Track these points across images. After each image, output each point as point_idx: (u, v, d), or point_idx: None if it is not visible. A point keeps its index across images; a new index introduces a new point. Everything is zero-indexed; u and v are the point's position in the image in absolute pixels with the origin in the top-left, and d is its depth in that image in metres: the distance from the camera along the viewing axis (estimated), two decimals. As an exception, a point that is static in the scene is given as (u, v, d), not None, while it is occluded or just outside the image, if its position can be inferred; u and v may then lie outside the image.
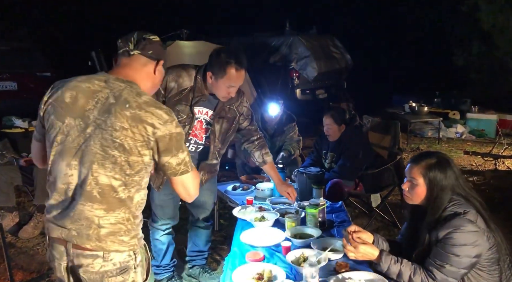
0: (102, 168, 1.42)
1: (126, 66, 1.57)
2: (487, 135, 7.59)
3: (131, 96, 1.46)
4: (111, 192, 1.44)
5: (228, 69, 2.31)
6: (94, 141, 1.43)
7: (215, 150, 2.62)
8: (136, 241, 1.51)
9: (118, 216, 1.46)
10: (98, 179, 1.42)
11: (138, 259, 1.52)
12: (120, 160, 1.43)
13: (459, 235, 1.73)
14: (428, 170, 1.86)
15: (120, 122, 1.42)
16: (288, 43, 8.63)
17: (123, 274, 1.48)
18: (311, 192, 2.84)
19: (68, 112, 1.46)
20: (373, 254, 1.87)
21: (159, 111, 1.48)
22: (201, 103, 2.48)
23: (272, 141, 4.26)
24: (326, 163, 3.71)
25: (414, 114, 7.55)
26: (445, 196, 1.85)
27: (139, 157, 1.45)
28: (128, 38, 1.58)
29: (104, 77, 1.51)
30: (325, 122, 3.60)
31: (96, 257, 1.44)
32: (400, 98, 8.96)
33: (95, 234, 1.44)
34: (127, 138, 1.42)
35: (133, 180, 1.47)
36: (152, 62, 1.60)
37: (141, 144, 1.44)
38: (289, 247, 2.11)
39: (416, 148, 6.89)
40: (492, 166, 5.47)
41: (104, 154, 1.42)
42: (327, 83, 8.91)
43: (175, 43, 6.72)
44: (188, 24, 7.93)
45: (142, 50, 1.56)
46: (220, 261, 3.34)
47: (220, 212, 4.01)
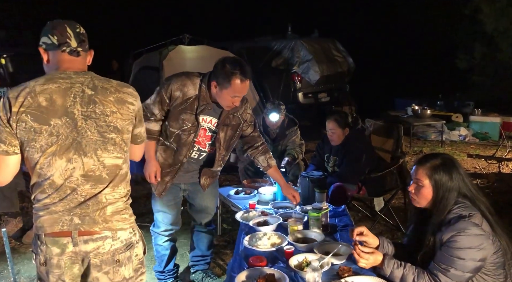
0: (106, 151, 1.57)
1: (74, 61, 1.61)
2: (490, 137, 7.56)
3: (105, 83, 1.61)
4: (117, 170, 1.61)
5: (233, 80, 2.32)
6: (91, 131, 1.54)
7: (220, 157, 2.63)
8: (133, 219, 1.68)
9: (121, 191, 1.63)
10: (104, 163, 1.57)
11: (137, 235, 1.70)
12: (118, 140, 1.60)
13: (464, 238, 1.72)
14: (434, 171, 1.85)
15: (109, 107, 1.57)
16: (290, 47, 8.64)
17: (129, 250, 1.63)
18: (313, 196, 2.82)
19: (51, 114, 1.50)
20: (378, 260, 1.86)
21: (130, 89, 1.67)
22: (206, 112, 2.50)
23: (274, 145, 4.25)
24: (329, 167, 3.70)
25: (417, 117, 7.53)
26: (451, 198, 1.84)
27: (128, 134, 1.65)
28: (63, 34, 1.57)
29: (63, 75, 1.56)
30: (328, 126, 3.58)
31: (106, 238, 1.56)
32: (403, 101, 8.94)
33: (101, 216, 1.56)
34: (118, 120, 1.59)
35: (127, 155, 1.67)
36: (88, 54, 1.69)
37: (128, 122, 1.64)
38: (292, 251, 2.10)
39: (419, 151, 6.86)
40: (496, 169, 5.45)
41: (103, 139, 1.56)
42: (329, 87, 8.91)
43: (177, 47, 6.75)
44: (190, 28, 7.96)
45: (83, 48, 1.63)
46: (223, 265, 3.33)
47: (222, 216, 4.00)
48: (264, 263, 2.04)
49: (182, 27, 8.18)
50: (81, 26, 1.64)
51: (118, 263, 1.60)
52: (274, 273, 1.89)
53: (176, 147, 2.55)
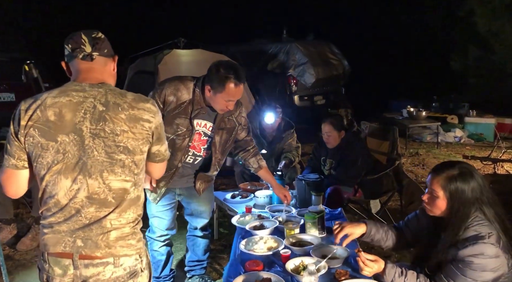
0: (113, 174, 1.45)
1: (90, 70, 1.52)
2: (485, 139, 7.60)
3: (118, 98, 1.48)
4: (124, 194, 1.48)
5: (227, 84, 2.31)
6: (98, 151, 1.43)
7: (216, 161, 2.62)
8: (142, 244, 1.55)
9: (129, 217, 1.50)
10: (110, 186, 1.45)
11: (144, 262, 1.56)
12: (128, 162, 1.47)
13: (481, 261, 1.65)
14: (449, 182, 1.76)
15: (119, 126, 1.45)
16: (285, 50, 8.67)
17: (133, 278, 1.50)
18: (310, 199, 2.82)
19: (58, 130, 1.42)
20: (381, 268, 1.83)
21: (147, 105, 1.53)
22: (200, 116, 2.49)
23: (270, 148, 4.25)
24: (325, 170, 3.70)
25: (412, 119, 7.55)
26: (468, 211, 1.74)
27: (141, 155, 1.51)
28: (77, 41, 1.51)
29: (78, 87, 1.47)
30: (324, 129, 3.59)
31: (107, 264, 1.45)
32: (398, 103, 8.97)
33: (104, 241, 1.45)
34: (129, 140, 1.46)
35: (139, 178, 1.53)
36: (110, 60, 1.59)
37: (142, 141, 1.50)
38: (289, 255, 2.09)
39: (415, 153, 6.88)
40: (491, 170, 5.47)
41: (111, 160, 1.45)
42: (325, 90, 8.93)
43: (173, 51, 6.74)
44: (185, 32, 7.96)
45: (99, 51, 1.53)
46: (219, 270, 3.31)
47: (219, 220, 3.98)
48: (261, 267, 2.03)
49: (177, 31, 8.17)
50: (100, 33, 1.56)
51: None
52: (271, 277, 1.88)
53: (170, 152, 2.53)
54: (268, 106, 4.20)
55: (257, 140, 4.24)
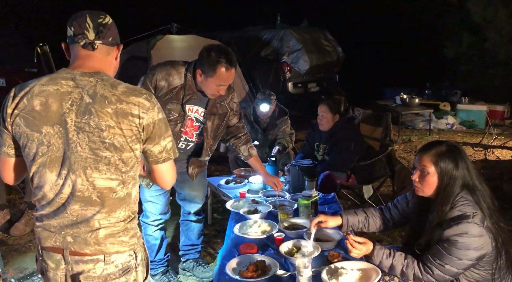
0: (97, 171, 1.36)
1: (90, 58, 1.42)
2: (477, 125, 7.67)
3: (107, 90, 1.36)
4: (110, 193, 1.39)
5: (218, 68, 2.30)
6: (82, 146, 1.34)
7: (208, 146, 2.62)
8: (136, 240, 1.47)
9: (119, 215, 1.42)
10: (94, 184, 1.37)
11: (139, 258, 1.48)
12: (114, 159, 1.37)
13: (466, 239, 1.69)
14: (439, 158, 1.79)
15: (105, 121, 1.34)
16: (279, 37, 8.59)
17: (126, 275, 1.44)
18: (303, 184, 2.84)
19: (43, 121, 1.35)
20: (369, 249, 1.86)
21: (139, 99, 1.39)
22: (192, 101, 2.47)
23: (264, 134, 4.25)
24: (319, 155, 3.72)
25: (405, 106, 7.59)
26: (455, 187, 1.78)
27: (131, 153, 1.39)
28: (81, 25, 1.39)
29: (69, 75, 1.38)
30: (320, 109, 3.61)
31: (97, 261, 1.40)
32: (392, 91, 8.99)
33: (93, 238, 1.39)
34: (115, 136, 1.35)
35: (129, 176, 1.42)
36: (113, 49, 1.48)
37: (131, 139, 1.38)
38: (282, 238, 2.12)
39: (408, 140, 6.93)
40: (482, 156, 5.53)
41: (95, 157, 1.35)
42: (319, 77, 8.90)
43: (165, 37, 6.67)
44: (178, 18, 7.86)
45: (103, 39, 1.42)
46: (214, 254, 3.34)
47: (213, 206, 4.01)
48: (255, 250, 2.06)
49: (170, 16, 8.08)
50: (108, 17, 1.44)
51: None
52: (265, 259, 1.91)
53: None
54: (262, 95, 4.17)
55: (251, 127, 4.25)
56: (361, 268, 1.81)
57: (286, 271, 1.86)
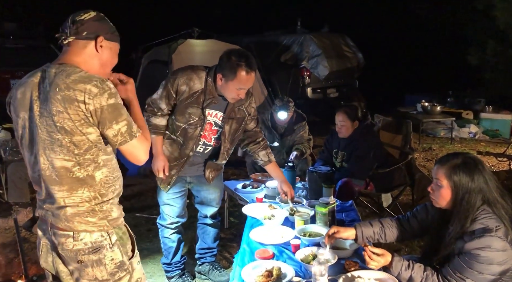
0: (53, 152, 1.52)
1: (67, 52, 1.58)
2: (501, 135, 7.47)
3: (61, 79, 1.48)
4: (67, 173, 1.53)
5: (238, 71, 2.32)
6: (41, 129, 1.52)
7: (225, 150, 2.64)
8: (105, 222, 1.58)
9: (83, 195, 1.55)
10: (53, 163, 1.53)
11: (113, 238, 1.60)
12: (65, 142, 1.50)
13: (488, 254, 1.65)
14: (453, 171, 1.76)
15: (55, 106, 1.47)
16: (299, 42, 8.59)
17: (96, 253, 1.56)
18: (321, 191, 2.83)
19: (21, 107, 1.56)
20: (388, 260, 1.83)
21: (87, 86, 1.46)
22: (212, 106, 2.50)
23: (282, 140, 4.25)
24: (337, 162, 3.69)
25: (427, 113, 7.46)
26: (473, 201, 1.74)
27: (82, 136, 1.49)
28: (65, 24, 1.58)
29: (44, 67, 1.56)
30: (337, 118, 3.55)
31: (68, 237, 1.55)
32: (412, 98, 8.85)
33: (63, 215, 1.55)
34: (65, 120, 1.47)
35: (85, 158, 1.53)
36: (90, 42, 1.57)
37: (80, 123, 1.47)
38: (299, 245, 2.11)
39: (428, 148, 6.82)
40: (506, 167, 5.39)
41: (50, 139, 1.51)
42: (338, 82, 8.86)
43: (186, 41, 6.76)
44: (199, 22, 7.96)
45: (76, 35, 1.54)
46: (230, 258, 3.35)
47: (230, 210, 4.02)
48: (271, 256, 2.06)
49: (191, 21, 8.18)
50: (88, 12, 1.57)
51: (82, 264, 1.56)
52: (281, 265, 1.90)
53: (182, 141, 2.57)
54: (280, 102, 4.15)
55: (268, 132, 4.26)
56: (378, 278, 1.79)
57: (301, 278, 1.86)
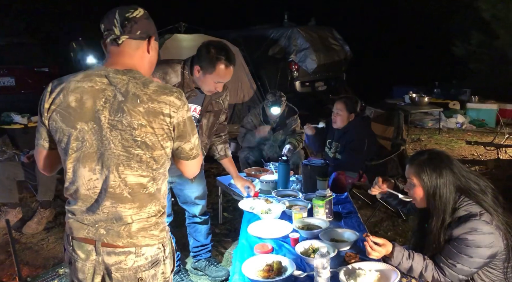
0: (129, 168, 1.38)
1: (119, 54, 1.44)
2: (487, 124, 7.61)
3: (139, 88, 1.37)
4: (141, 189, 1.41)
5: (218, 65, 2.27)
6: (115, 144, 1.37)
7: (202, 145, 2.57)
8: (165, 234, 1.51)
9: (150, 210, 1.45)
10: (126, 180, 1.39)
11: (167, 251, 1.51)
12: (145, 157, 1.39)
13: (475, 237, 1.69)
14: (420, 169, 1.82)
15: (137, 119, 1.35)
16: (287, 35, 8.55)
17: (155, 267, 1.47)
18: (315, 184, 2.83)
19: (78, 117, 1.37)
20: (388, 251, 1.84)
21: (171, 98, 1.40)
22: (191, 100, 2.43)
23: (274, 134, 4.24)
24: (331, 152, 3.69)
25: (414, 105, 7.54)
26: (446, 194, 1.79)
27: (162, 151, 1.42)
28: (110, 21, 1.42)
29: (103, 72, 1.40)
30: (336, 106, 3.55)
31: (129, 254, 1.43)
32: (399, 89, 8.93)
33: (126, 231, 1.42)
34: (147, 135, 1.37)
35: (159, 173, 1.45)
36: (143, 42, 1.46)
37: (162, 137, 1.40)
38: (298, 238, 2.11)
39: (417, 139, 6.89)
40: (494, 156, 5.48)
41: (127, 154, 1.37)
42: (326, 75, 8.86)
43: (173, 36, 6.68)
44: (186, 17, 7.86)
45: (129, 33, 1.42)
46: (225, 253, 3.34)
47: (223, 205, 4.00)
48: (270, 250, 2.05)
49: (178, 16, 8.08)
50: (138, 9, 1.44)
51: (141, 281, 1.46)
52: (281, 259, 1.89)
53: None
54: (273, 97, 4.12)
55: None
56: (379, 269, 1.79)
57: (302, 271, 1.85)
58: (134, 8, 1.44)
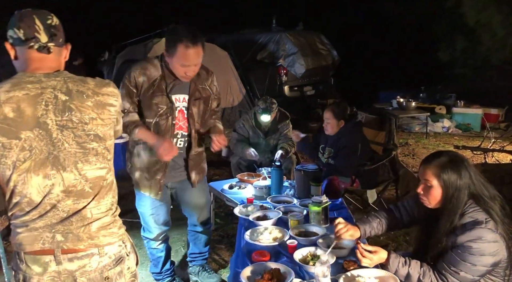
0: (87, 164, 1.42)
1: (46, 59, 1.41)
2: (473, 129, 7.72)
3: (80, 85, 1.41)
4: (100, 181, 1.46)
5: (179, 46, 2.20)
6: (69, 143, 1.38)
7: (196, 134, 2.51)
8: (123, 231, 1.54)
9: (107, 202, 1.49)
10: (87, 176, 1.42)
11: (128, 246, 1.56)
12: (100, 149, 1.45)
13: (480, 245, 1.68)
14: (442, 170, 1.79)
15: (87, 114, 1.40)
16: (275, 40, 8.59)
17: (120, 264, 1.50)
18: (308, 189, 2.83)
19: (20, 127, 1.32)
20: (382, 258, 1.83)
21: (110, 89, 1.49)
22: (176, 89, 2.40)
23: (266, 139, 4.22)
24: (323, 158, 3.70)
25: (402, 109, 7.62)
26: (462, 197, 1.77)
27: (111, 140, 1.49)
28: (30, 26, 1.36)
29: (32, 78, 1.36)
30: (325, 115, 3.60)
31: (92, 255, 1.43)
32: (386, 94, 9.02)
33: (86, 233, 1.42)
34: (98, 127, 1.43)
35: (111, 162, 1.52)
36: (63, 49, 1.48)
37: (110, 126, 1.48)
38: (295, 245, 2.09)
39: (405, 143, 6.96)
40: (481, 160, 5.56)
41: (83, 150, 1.41)
42: (314, 80, 8.92)
43: (162, 40, 6.63)
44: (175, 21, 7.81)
45: (55, 42, 1.41)
46: (218, 260, 3.31)
47: (215, 211, 3.97)
48: (268, 258, 2.03)
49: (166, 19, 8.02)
50: (54, 16, 1.42)
51: (108, 280, 1.47)
52: (280, 267, 1.88)
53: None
54: (264, 103, 4.07)
55: (253, 131, 4.22)
56: (378, 276, 1.79)
57: (301, 279, 1.84)
58: (50, 15, 1.42)
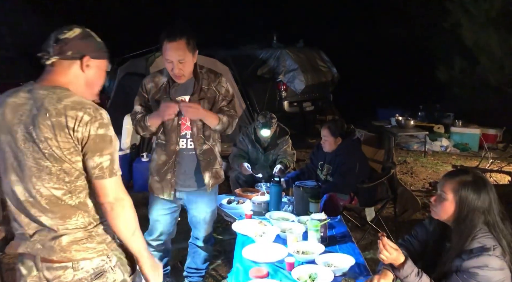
0: (40, 180, 1.42)
1: (51, 72, 1.48)
2: (470, 148, 7.75)
3: (51, 103, 1.39)
4: (57, 201, 1.43)
5: (162, 43, 2.32)
6: (27, 156, 1.41)
7: (199, 132, 2.52)
8: (104, 246, 1.50)
9: (77, 222, 1.45)
10: (41, 192, 1.42)
11: (114, 260, 1.52)
12: (54, 170, 1.41)
13: (486, 273, 1.66)
14: (461, 186, 1.78)
15: (44, 132, 1.38)
16: (275, 56, 8.69)
17: (99, 279, 1.47)
18: (307, 205, 2.83)
19: (0, 129, 1.44)
20: (399, 260, 1.81)
21: (79, 113, 1.39)
22: (180, 91, 2.48)
23: (265, 154, 4.23)
24: (322, 175, 3.71)
25: (401, 127, 7.67)
26: (476, 219, 1.75)
27: (71, 164, 1.42)
28: (48, 42, 1.47)
29: (29, 87, 1.46)
30: (322, 133, 3.65)
31: (66, 268, 1.44)
32: (385, 112, 9.09)
33: (58, 245, 1.43)
34: (53, 148, 1.39)
35: (76, 186, 1.44)
36: (76, 62, 1.48)
37: (69, 151, 1.40)
38: (293, 263, 2.09)
39: (403, 161, 6.98)
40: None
41: (38, 166, 1.41)
42: (314, 96, 8.99)
43: (164, 54, 6.68)
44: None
45: (60, 54, 1.45)
46: (215, 276, 3.28)
47: (213, 226, 3.94)
48: (266, 275, 2.02)
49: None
50: (73, 30, 1.47)
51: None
52: (278, 285, 1.87)
53: (165, 140, 2.51)
54: (263, 119, 4.08)
55: (252, 146, 4.23)
56: (377, 296, 1.78)
57: (299, 297, 1.83)
58: (69, 29, 1.48)
